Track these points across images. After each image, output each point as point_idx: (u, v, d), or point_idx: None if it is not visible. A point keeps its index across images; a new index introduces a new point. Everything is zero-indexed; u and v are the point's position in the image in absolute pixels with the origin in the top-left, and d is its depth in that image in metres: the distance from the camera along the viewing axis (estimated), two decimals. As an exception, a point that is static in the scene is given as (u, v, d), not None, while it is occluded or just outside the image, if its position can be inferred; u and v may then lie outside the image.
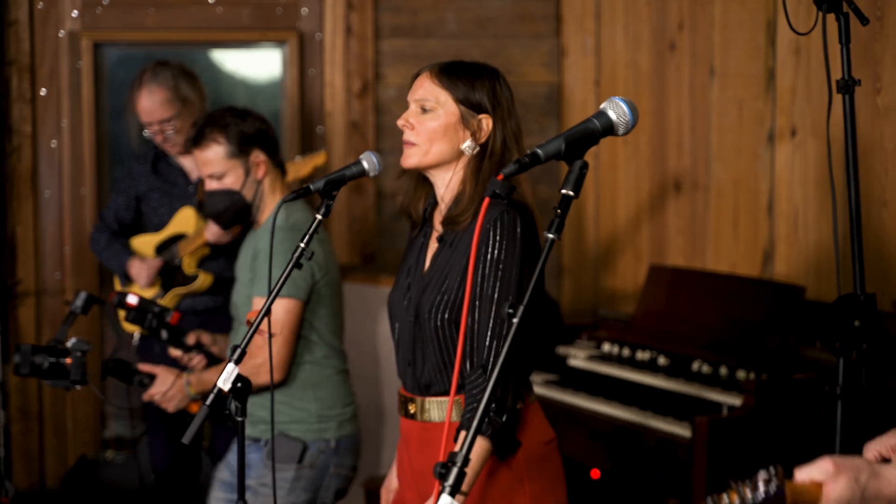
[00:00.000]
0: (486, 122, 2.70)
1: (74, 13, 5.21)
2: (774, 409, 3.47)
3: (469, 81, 2.70)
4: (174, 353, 3.85)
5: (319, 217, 2.66)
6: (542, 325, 4.28)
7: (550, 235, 2.09)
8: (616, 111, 2.23)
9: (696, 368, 3.84)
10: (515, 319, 2.07)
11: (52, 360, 3.46)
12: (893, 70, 3.79)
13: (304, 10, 5.25)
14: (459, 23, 5.25)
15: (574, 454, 3.87)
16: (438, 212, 2.79)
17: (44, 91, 5.21)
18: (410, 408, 2.77)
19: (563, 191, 2.13)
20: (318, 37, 5.25)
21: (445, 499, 1.99)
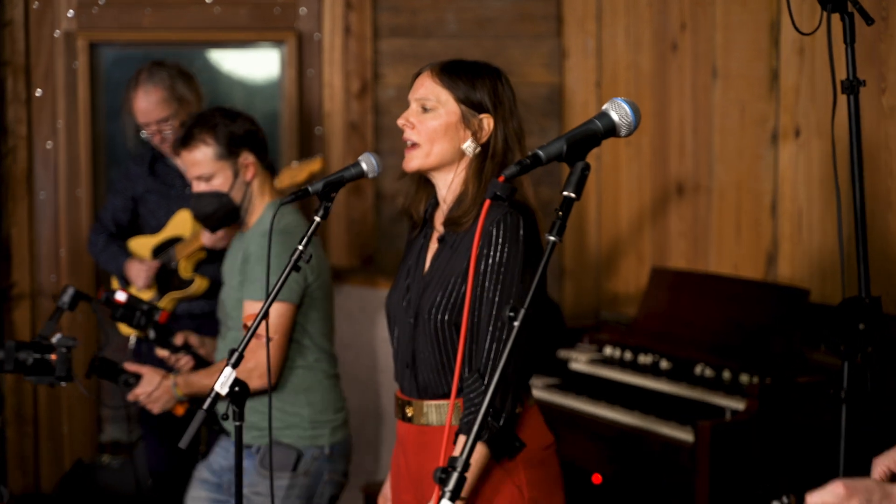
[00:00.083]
0: (488, 122, 2.69)
1: (70, 13, 5.20)
2: (778, 414, 3.47)
3: (470, 80, 2.69)
4: (161, 354, 3.82)
5: (318, 219, 2.64)
6: (544, 329, 4.25)
7: (552, 238, 2.08)
8: (618, 112, 2.22)
9: (699, 372, 3.84)
10: (517, 323, 2.06)
11: (37, 357, 3.39)
12: (899, 70, 3.79)
13: (303, 10, 5.24)
14: (459, 23, 5.24)
15: (575, 459, 3.88)
16: (440, 212, 2.78)
17: (39, 92, 5.20)
18: (408, 411, 2.76)
19: (565, 193, 2.12)
20: (317, 37, 5.24)
21: (446, 504, 1.99)
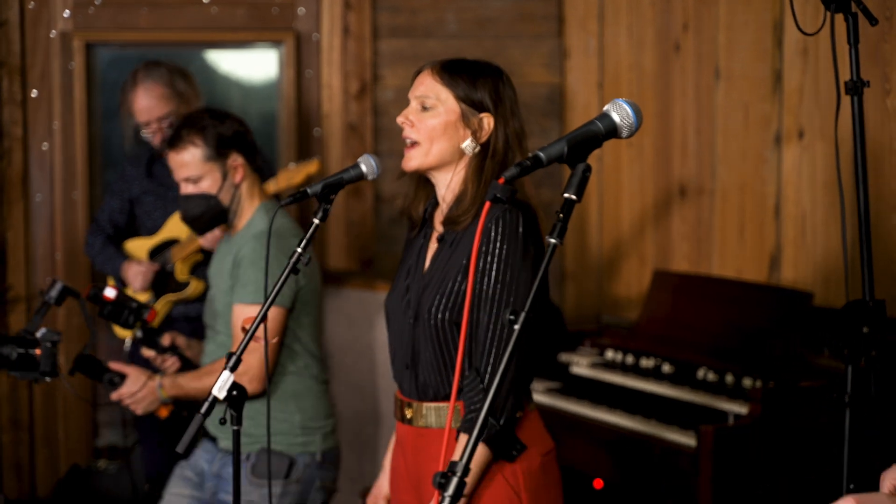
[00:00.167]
0: (488, 121, 2.68)
1: (66, 13, 5.17)
2: (782, 418, 3.46)
3: (470, 79, 2.68)
4: (147, 354, 3.77)
5: (317, 221, 2.62)
6: (545, 332, 4.26)
7: (553, 240, 2.08)
8: (620, 113, 2.22)
9: (702, 376, 3.83)
10: (517, 326, 2.05)
11: (21, 351, 3.31)
12: (903, 71, 3.77)
13: (301, 10, 5.22)
14: (459, 23, 5.22)
15: (577, 464, 3.87)
16: (439, 212, 2.77)
17: (35, 93, 5.18)
18: (407, 412, 2.75)
19: (566, 194, 2.11)
20: (315, 37, 5.22)
21: (445, 509, 1.97)
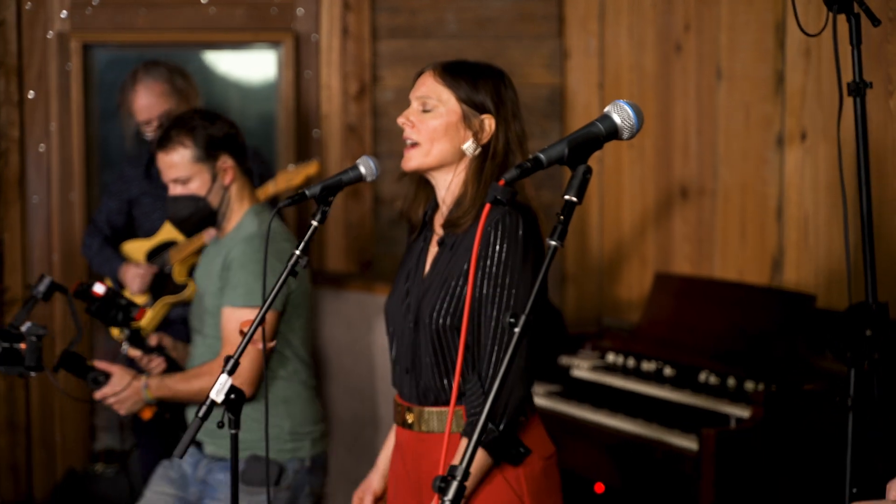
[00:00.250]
0: (489, 123, 2.68)
1: (63, 14, 5.16)
2: (784, 421, 3.45)
3: (472, 80, 2.68)
4: (133, 353, 3.73)
5: (315, 223, 2.60)
6: (545, 335, 4.26)
7: (553, 243, 2.06)
8: (620, 115, 2.20)
9: (704, 379, 3.82)
10: (517, 329, 2.03)
11: (6, 346, 3.28)
12: (906, 72, 3.76)
13: (300, 11, 5.20)
14: (459, 23, 5.20)
15: (578, 468, 3.87)
16: (439, 214, 2.77)
17: (32, 94, 5.16)
18: (408, 417, 2.74)
19: (567, 196, 2.10)
20: (314, 38, 5.20)
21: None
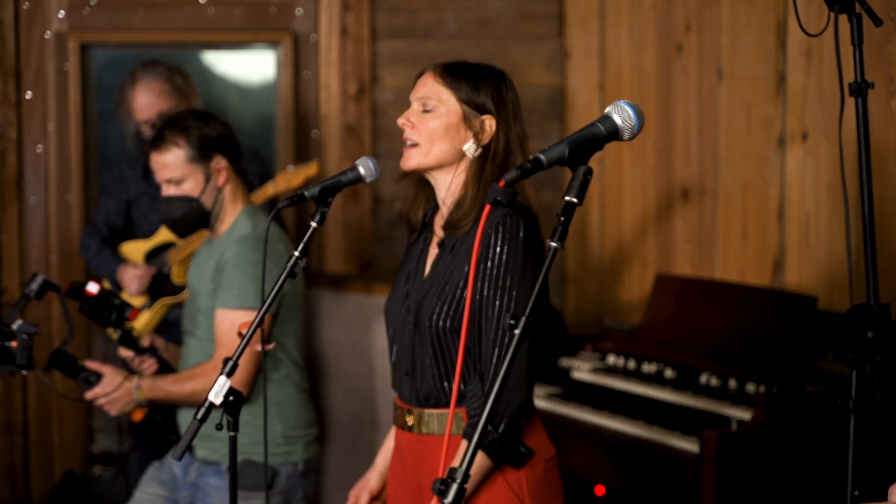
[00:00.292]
0: (490, 124, 2.67)
1: (61, 14, 5.14)
2: (785, 423, 3.44)
3: (473, 81, 2.68)
4: (124, 354, 3.71)
5: (314, 224, 2.59)
6: (546, 337, 4.24)
7: (553, 244, 2.06)
8: (621, 115, 2.20)
9: (705, 381, 3.80)
10: (517, 331, 2.03)
11: None
12: (908, 72, 3.75)
13: (299, 11, 5.19)
14: (459, 23, 5.19)
15: (578, 470, 3.86)
16: (440, 216, 2.76)
17: (29, 94, 5.15)
18: (408, 419, 2.73)
19: (567, 197, 2.09)
20: (313, 38, 5.19)
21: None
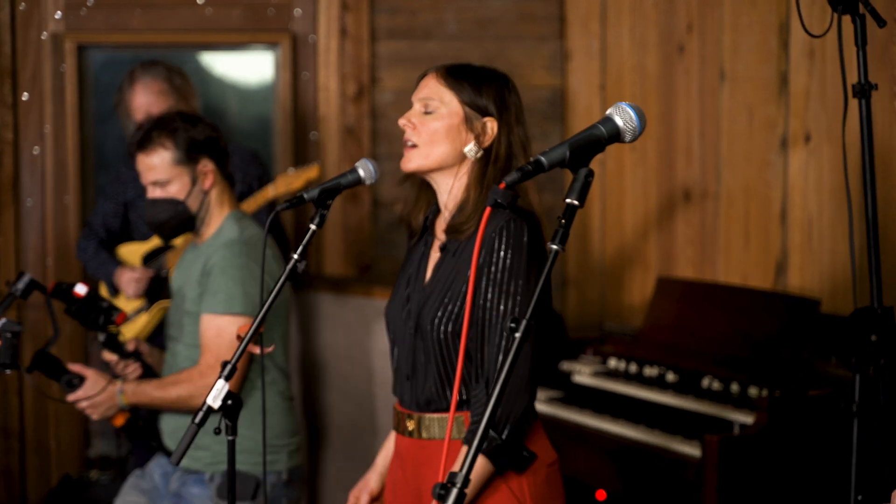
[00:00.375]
0: (491, 126, 2.65)
1: (58, 14, 5.13)
2: (788, 427, 3.43)
3: (476, 83, 2.66)
4: (108, 358, 3.68)
5: (314, 227, 2.57)
6: (547, 340, 4.23)
7: (554, 246, 2.04)
8: (623, 117, 2.18)
9: (707, 385, 3.79)
10: (518, 334, 2.01)
11: None
12: (912, 73, 3.75)
13: (298, 11, 5.18)
14: (459, 24, 5.18)
15: (579, 474, 3.84)
16: (441, 219, 2.74)
17: (26, 95, 5.14)
18: (409, 424, 2.70)
19: (568, 200, 2.08)
20: (312, 39, 5.18)
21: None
